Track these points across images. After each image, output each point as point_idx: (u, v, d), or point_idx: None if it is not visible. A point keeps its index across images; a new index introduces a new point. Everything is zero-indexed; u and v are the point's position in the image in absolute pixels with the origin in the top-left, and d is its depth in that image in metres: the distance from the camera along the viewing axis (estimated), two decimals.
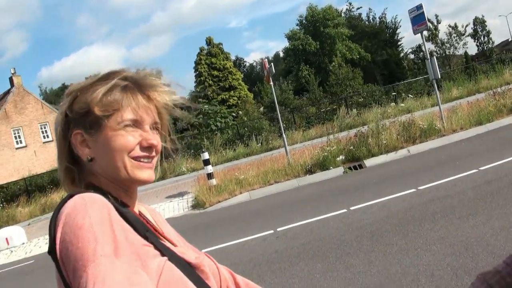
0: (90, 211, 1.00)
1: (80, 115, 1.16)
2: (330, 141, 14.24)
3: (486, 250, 4.87)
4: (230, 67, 59.10)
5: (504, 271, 1.14)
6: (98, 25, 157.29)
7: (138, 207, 1.30)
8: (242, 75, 63.03)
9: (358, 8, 69.33)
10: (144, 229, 1.13)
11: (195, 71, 59.90)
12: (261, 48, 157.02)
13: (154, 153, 1.20)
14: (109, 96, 1.15)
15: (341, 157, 13.28)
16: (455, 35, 59.23)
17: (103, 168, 1.17)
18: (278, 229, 7.93)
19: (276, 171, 13.27)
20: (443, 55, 58.29)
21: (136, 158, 1.16)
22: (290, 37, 61.61)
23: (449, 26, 59.70)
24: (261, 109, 45.72)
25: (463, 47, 59.87)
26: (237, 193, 12.36)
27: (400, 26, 63.09)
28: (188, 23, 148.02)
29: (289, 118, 29.09)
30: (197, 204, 12.45)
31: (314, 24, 60.16)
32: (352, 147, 13.38)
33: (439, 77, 15.08)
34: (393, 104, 25.15)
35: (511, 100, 15.77)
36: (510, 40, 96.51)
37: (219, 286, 1.35)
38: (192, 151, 24.84)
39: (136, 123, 1.16)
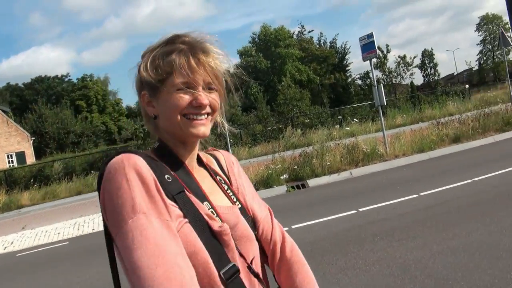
0: (127, 171, 1.14)
1: (144, 77, 1.30)
2: (275, 159, 14.27)
3: (424, 273, 4.95)
4: None
5: None
6: (50, 25, 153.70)
7: (209, 155, 1.55)
8: None
9: (309, 31, 70.17)
10: (176, 188, 1.22)
11: None
12: None
13: (207, 110, 1.29)
14: (165, 60, 1.27)
15: (285, 175, 13.34)
16: (402, 65, 61.06)
17: (164, 125, 1.32)
18: None
19: None
20: (390, 83, 59.96)
21: (188, 116, 1.26)
22: (242, 53, 61.91)
23: (398, 56, 61.54)
24: None
25: (409, 77, 61.79)
26: None
27: (350, 52, 64.48)
28: (141, 32, 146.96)
29: (236, 135, 29.06)
30: None
31: (266, 43, 60.77)
32: (296, 167, 13.47)
33: (385, 103, 15.47)
34: (338, 127, 25.59)
35: (454, 130, 16.33)
36: (455, 74, 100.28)
37: (269, 248, 1.47)
38: None
39: (189, 85, 1.26)
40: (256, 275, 1.31)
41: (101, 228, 10.00)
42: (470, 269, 4.87)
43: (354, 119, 27.63)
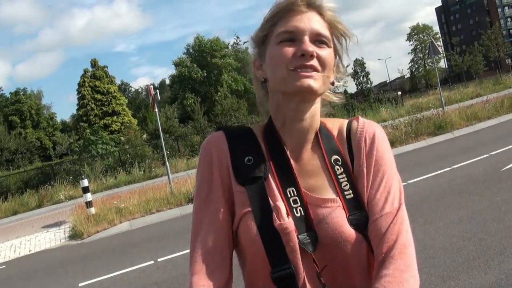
0: (203, 152, 1.22)
1: (254, 43, 1.25)
2: None
3: None
4: (115, 92, 57.94)
5: None
6: None
7: (347, 124, 1.28)
8: (126, 101, 61.94)
9: (245, 42, 70.53)
10: (252, 172, 1.17)
11: (77, 93, 57.97)
12: (148, 74, 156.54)
13: (314, 63, 1.12)
14: (270, 12, 1.19)
15: None
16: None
17: (272, 86, 1.20)
18: (159, 260, 7.68)
19: (158, 200, 12.93)
20: None
21: (294, 69, 1.12)
22: (177, 64, 61.61)
23: None
24: (145, 136, 44.92)
25: (343, 86, 63.10)
26: (117, 222, 11.86)
27: None
28: (77, 44, 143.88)
29: (173, 146, 28.80)
30: (75, 235, 11.74)
31: (202, 54, 60.71)
32: None
33: None
34: None
35: (387, 136, 16.67)
36: (388, 81, 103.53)
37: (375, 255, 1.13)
38: (71, 177, 23.65)
39: (293, 35, 1.14)
40: (323, 285, 1.10)
41: (38, 249, 9.65)
42: None
43: None
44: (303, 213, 1.13)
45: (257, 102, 1.34)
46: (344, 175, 1.19)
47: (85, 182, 13.26)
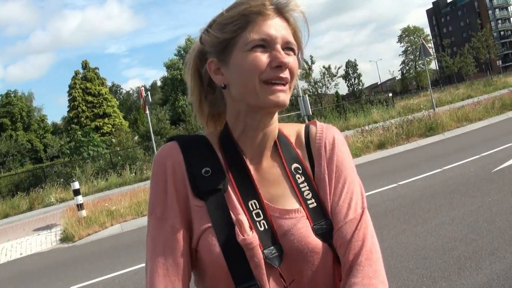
0: (156, 164, 1.14)
1: (208, 43, 1.14)
2: None
3: None
4: (106, 93, 57.82)
5: None
6: None
7: (305, 128, 1.24)
8: (117, 102, 61.78)
9: None
10: (210, 185, 1.10)
11: (68, 95, 57.78)
12: (139, 75, 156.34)
13: (287, 75, 1.08)
14: (235, 14, 1.09)
15: None
16: (327, 75, 62.41)
17: (236, 94, 1.11)
18: None
19: None
20: (316, 93, 61.13)
21: (267, 81, 1.06)
22: (169, 66, 61.54)
23: (323, 67, 62.89)
24: (136, 138, 44.84)
25: (334, 87, 63.24)
26: (108, 225, 11.80)
27: None
28: (69, 45, 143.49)
29: None
30: (66, 238, 11.67)
31: None
32: None
33: (311, 113, 15.81)
34: None
35: (378, 137, 16.84)
36: (379, 83, 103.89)
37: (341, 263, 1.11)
38: (62, 180, 23.56)
39: (266, 43, 1.07)
40: None
41: (30, 252, 9.60)
42: (398, 269, 4.99)
43: None
44: (267, 227, 1.09)
45: (195, 106, 1.26)
46: (305, 184, 1.15)
47: (76, 185, 13.18)
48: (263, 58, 1.05)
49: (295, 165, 1.17)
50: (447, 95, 36.93)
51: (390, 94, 41.17)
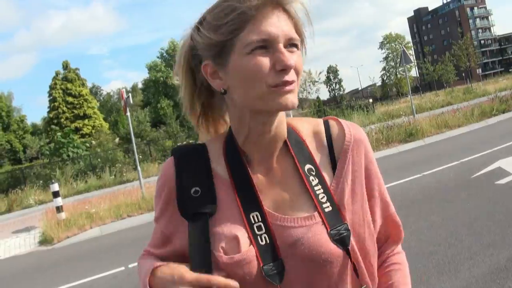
0: (158, 178, 1.15)
1: (204, 44, 1.03)
2: None
3: None
4: (86, 95, 57.37)
5: None
6: None
7: (324, 123, 1.17)
8: (98, 104, 61.32)
9: None
10: (197, 207, 1.05)
11: (49, 96, 57.21)
12: (121, 77, 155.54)
13: (293, 76, 1.00)
14: (231, 13, 0.98)
15: None
16: (309, 80, 62.78)
17: (240, 99, 1.03)
18: (130, 266, 7.56)
19: (129, 205, 12.77)
20: None
21: (272, 85, 0.98)
22: (151, 67, 61.30)
23: (304, 71, 63.38)
24: (117, 140, 44.57)
25: (315, 92, 63.67)
26: (87, 227, 11.69)
27: None
28: (52, 45, 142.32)
29: (145, 150, 28.70)
30: (45, 240, 11.52)
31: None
32: None
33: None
34: None
35: None
36: (360, 89, 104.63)
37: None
38: (41, 181, 23.30)
39: (266, 43, 0.97)
40: None
41: (8, 255, 9.46)
42: None
43: None
44: (268, 241, 1.01)
45: (187, 104, 1.19)
46: (320, 186, 1.07)
47: (56, 187, 13.03)
48: (266, 61, 0.97)
49: (308, 166, 1.10)
50: (427, 102, 37.27)
51: (371, 100, 41.54)
